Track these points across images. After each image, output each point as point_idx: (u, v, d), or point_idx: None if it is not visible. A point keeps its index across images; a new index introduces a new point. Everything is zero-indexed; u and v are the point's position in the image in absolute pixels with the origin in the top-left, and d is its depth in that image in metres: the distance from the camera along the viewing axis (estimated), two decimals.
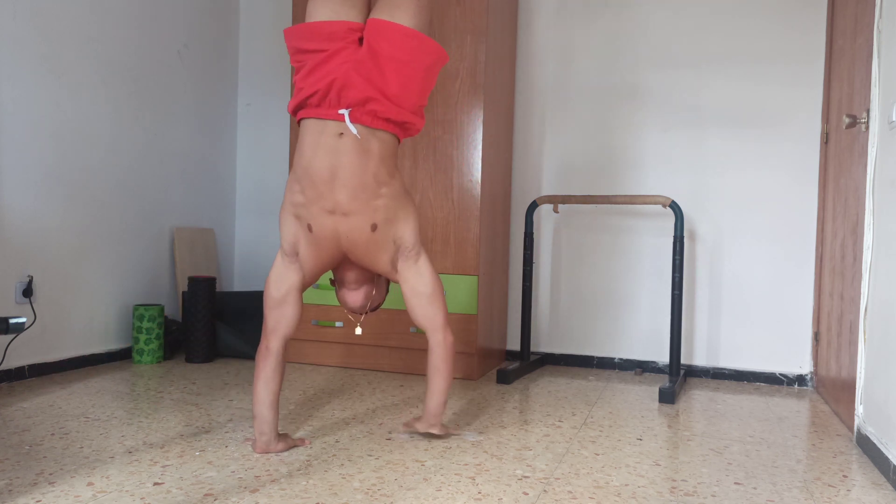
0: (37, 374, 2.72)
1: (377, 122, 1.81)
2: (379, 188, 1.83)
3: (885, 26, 1.99)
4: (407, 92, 1.82)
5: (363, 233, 1.84)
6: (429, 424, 1.98)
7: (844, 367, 2.39)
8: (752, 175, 3.05)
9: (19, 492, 1.55)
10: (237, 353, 3.21)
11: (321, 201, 1.81)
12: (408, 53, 1.79)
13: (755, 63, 3.03)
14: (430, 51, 1.83)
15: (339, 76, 1.77)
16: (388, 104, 1.80)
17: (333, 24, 1.79)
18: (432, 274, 1.95)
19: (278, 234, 3.81)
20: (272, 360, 1.86)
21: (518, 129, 3.38)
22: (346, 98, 1.78)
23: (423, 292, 1.93)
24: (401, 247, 1.91)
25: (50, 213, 2.77)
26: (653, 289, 3.18)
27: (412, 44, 1.80)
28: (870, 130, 2.07)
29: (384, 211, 1.85)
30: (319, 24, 1.79)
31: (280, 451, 1.87)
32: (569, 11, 3.29)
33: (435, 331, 1.95)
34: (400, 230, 1.90)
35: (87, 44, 2.91)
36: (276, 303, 1.87)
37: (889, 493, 1.70)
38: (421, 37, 1.81)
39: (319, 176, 1.79)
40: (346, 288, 2.01)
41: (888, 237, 1.88)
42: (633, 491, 1.67)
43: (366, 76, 1.77)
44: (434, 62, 1.85)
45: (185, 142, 3.48)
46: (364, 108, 1.79)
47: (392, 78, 1.79)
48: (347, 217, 1.82)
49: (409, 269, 1.93)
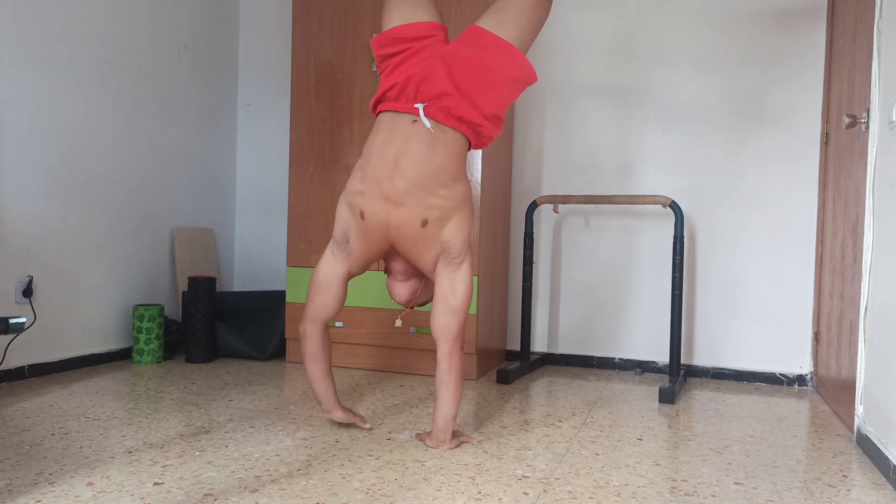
0: (37, 374, 2.72)
1: (449, 120, 1.83)
2: (439, 188, 1.82)
3: (885, 26, 1.99)
4: (484, 96, 1.83)
5: (413, 227, 1.83)
6: (437, 441, 1.92)
7: (844, 367, 2.39)
8: (753, 175, 3.05)
9: (19, 492, 1.55)
10: (237, 353, 3.21)
11: (379, 186, 1.82)
12: (494, 61, 1.81)
13: (755, 63, 3.03)
14: (518, 64, 1.83)
15: (418, 71, 1.81)
16: (463, 102, 1.81)
17: (412, 26, 1.85)
18: (468, 288, 1.89)
19: (278, 234, 3.82)
20: (312, 342, 2.00)
21: (518, 129, 3.38)
22: (423, 92, 1.81)
23: (450, 303, 1.87)
24: (446, 250, 1.87)
25: (50, 213, 2.77)
26: (653, 289, 3.18)
27: (502, 54, 1.82)
28: (870, 130, 2.07)
29: (439, 210, 1.83)
30: (398, 28, 1.86)
31: (339, 418, 2.04)
32: (569, 11, 3.29)
33: (445, 342, 1.89)
34: (449, 233, 1.86)
35: (87, 44, 2.91)
36: (320, 288, 1.95)
37: (889, 493, 1.70)
38: (512, 49, 1.82)
39: (384, 160, 1.82)
40: (394, 278, 2.02)
41: (888, 237, 1.88)
42: (633, 491, 1.67)
43: (446, 71, 1.80)
44: (518, 76, 1.85)
45: (185, 142, 3.48)
46: (439, 104, 1.81)
47: (472, 79, 1.81)
48: (399, 207, 1.82)
49: (448, 276, 1.87)
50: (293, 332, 3.14)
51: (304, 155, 3.10)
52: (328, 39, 3.06)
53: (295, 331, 3.13)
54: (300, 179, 3.11)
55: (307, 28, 3.09)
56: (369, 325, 3.01)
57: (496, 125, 1.90)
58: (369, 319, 3.01)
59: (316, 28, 3.07)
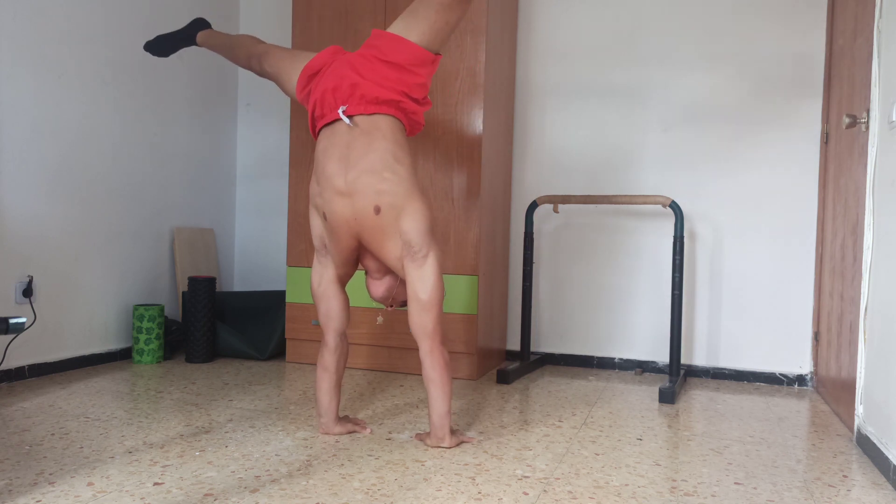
0: (37, 374, 2.72)
1: (370, 107, 1.92)
2: (383, 171, 1.88)
3: (885, 26, 1.99)
4: (388, 77, 1.93)
5: (368, 215, 1.88)
6: (437, 439, 1.94)
7: (844, 367, 2.39)
8: (753, 175, 3.05)
9: (19, 492, 1.55)
10: (237, 353, 3.21)
11: (332, 184, 1.91)
12: (389, 49, 1.93)
13: (755, 62, 3.03)
14: (409, 49, 1.93)
15: (330, 82, 1.95)
16: (372, 85, 1.91)
17: (316, 59, 2.02)
18: (435, 282, 1.91)
19: (278, 234, 3.82)
20: (327, 353, 2.05)
21: (518, 128, 3.38)
22: (339, 96, 1.93)
23: (421, 299, 1.90)
24: (407, 244, 1.89)
25: (50, 213, 2.77)
26: (653, 289, 3.18)
27: (395, 44, 1.93)
28: (870, 130, 2.07)
29: (389, 196, 1.88)
30: (307, 66, 2.02)
31: (338, 433, 2.05)
32: (569, 10, 3.29)
33: (423, 339, 1.92)
34: (407, 226, 1.89)
35: (87, 44, 2.91)
36: (318, 297, 2.04)
37: (889, 493, 1.70)
38: (400, 38, 1.92)
39: (332, 161, 1.92)
40: (370, 277, 2.07)
41: (888, 237, 1.88)
42: (633, 491, 1.67)
43: (350, 68, 1.94)
44: (411, 60, 1.94)
45: (185, 142, 3.48)
46: (354, 96, 1.92)
47: (373, 66, 1.93)
48: (353, 198, 1.89)
49: (414, 272, 1.90)
50: (293, 332, 3.14)
51: (304, 155, 3.10)
52: (328, 39, 3.06)
53: (295, 331, 3.13)
54: (300, 179, 3.11)
55: (307, 28, 3.09)
56: (369, 325, 3.01)
57: (418, 101, 1.99)
58: (369, 320, 3.01)
59: (316, 28, 3.07)
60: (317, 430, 2.08)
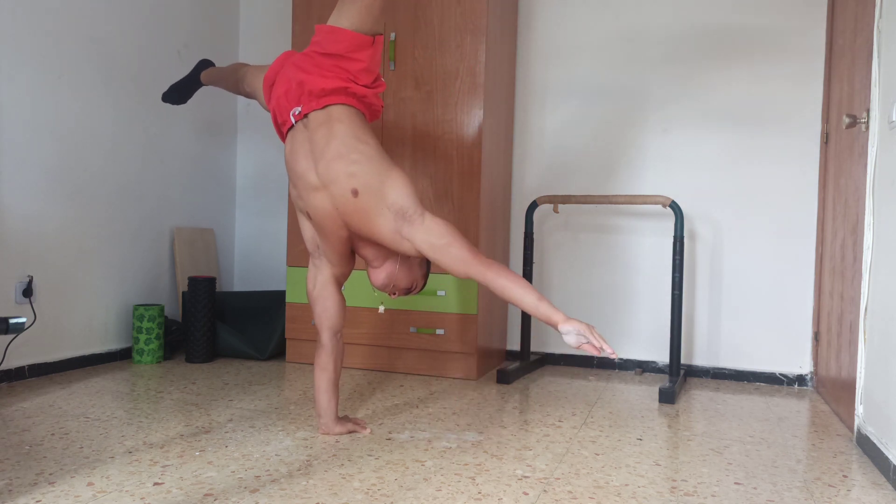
0: (37, 374, 2.72)
1: (321, 101, 1.94)
2: (350, 153, 1.90)
3: (885, 26, 1.99)
4: (329, 65, 1.95)
5: (348, 200, 1.89)
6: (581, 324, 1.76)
7: (844, 367, 2.39)
8: (753, 175, 3.05)
9: (19, 492, 1.55)
10: (237, 353, 3.21)
11: (307, 181, 1.94)
12: (328, 41, 1.96)
13: (755, 62, 3.03)
14: (348, 37, 1.95)
15: (282, 89, 1.99)
16: (317, 77, 1.94)
17: (271, 68, 2.05)
18: (443, 225, 1.86)
19: (278, 234, 3.82)
20: (323, 353, 2.07)
21: (518, 128, 3.38)
22: (291, 98, 1.97)
23: (437, 244, 1.84)
24: (399, 213, 1.87)
25: (50, 213, 2.77)
26: (653, 289, 3.18)
27: (332, 35, 1.96)
28: (870, 130, 2.07)
29: (363, 176, 1.88)
30: (265, 77, 2.06)
31: (338, 433, 2.05)
32: (569, 10, 3.29)
33: (472, 269, 1.84)
34: (391, 197, 1.88)
35: (87, 44, 2.91)
36: (314, 298, 2.06)
37: (889, 493, 1.70)
38: (335, 28, 1.96)
39: (301, 160, 1.95)
40: (370, 266, 2.07)
41: (888, 237, 1.88)
42: (633, 491, 1.67)
43: (296, 68, 1.98)
44: (351, 44, 1.96)
45: (185, 142, 3.48)
46: (304, 95, 1.95)
47: (316, 59, 1.96)
48: (330, 187, 1.90)
49: (418, 232, 1.86)
50: (293, 332, 3.14)
51: None
52: None
53: (295, 331, 3.13)
54: None
55: (307, 28, 3.08)
56: (368, 325, 3.01)
57: (365, 84, 2.00)
58: (368, 319, 3.01)
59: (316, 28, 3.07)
60: (317, 431, 2.08)
